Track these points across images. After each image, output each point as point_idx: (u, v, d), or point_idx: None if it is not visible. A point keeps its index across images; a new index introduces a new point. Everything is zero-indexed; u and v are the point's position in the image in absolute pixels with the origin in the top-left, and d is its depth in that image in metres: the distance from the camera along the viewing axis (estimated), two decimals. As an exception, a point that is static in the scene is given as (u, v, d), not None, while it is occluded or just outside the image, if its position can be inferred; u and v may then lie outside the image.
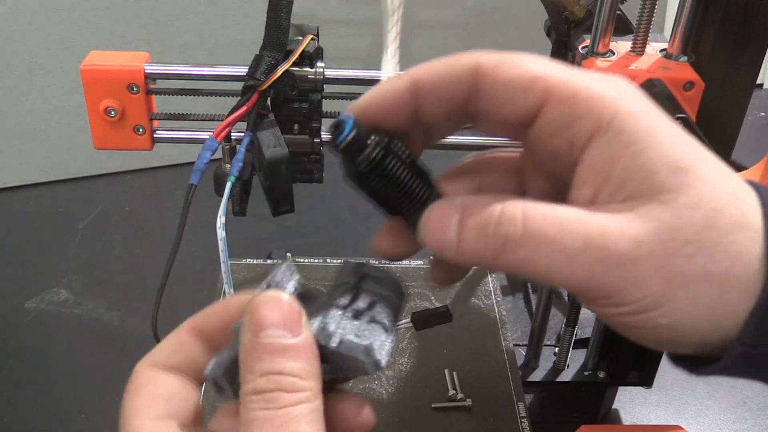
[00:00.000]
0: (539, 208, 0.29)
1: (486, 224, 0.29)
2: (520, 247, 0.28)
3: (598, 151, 0.29)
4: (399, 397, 0.58)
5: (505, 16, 1.11)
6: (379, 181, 0.30)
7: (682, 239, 0.28)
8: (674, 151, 0.29)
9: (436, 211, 0.30)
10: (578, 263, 0.28)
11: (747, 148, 0.56)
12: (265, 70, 0.45)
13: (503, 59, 0.30)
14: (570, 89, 0.29)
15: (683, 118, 0.46)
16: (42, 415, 0.70)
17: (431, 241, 0.30)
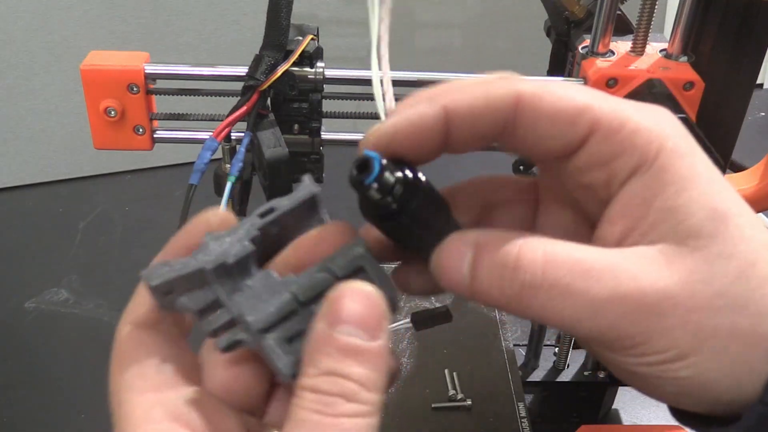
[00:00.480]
0: (561, 250, 0.27)
1: (502, 268, 0.27)
2: (539, 296, 0.27)
3: (637, 188, 0.28)
4: (399, 397, 0.58)
5: (505, 16, 1.11)
6: (404, 220, 0.27)
7: (712, 291, 0.27)
8: (714, 197, 0.27)
9: (448, 248, 0.28)
10: (603, 313, 0.26)
11: (747, 148, 0.56)
12: (265, 70, 0.45)
13: (546, 89, 0.28)
14: (617, 122, 0.28)
15: (683, 118, 0.46)
16: (42, 415, 0.70)
17: (444, 281, 0.28)
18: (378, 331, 0.26)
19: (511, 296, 0.27)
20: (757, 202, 0.56)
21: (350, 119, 0.51)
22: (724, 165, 0.48)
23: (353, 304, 0.26)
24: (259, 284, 0.27)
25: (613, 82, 0.49)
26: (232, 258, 0.27)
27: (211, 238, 0.28)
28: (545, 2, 0.55)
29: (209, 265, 0.27)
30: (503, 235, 0.27)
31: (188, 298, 0.27)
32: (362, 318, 0.26)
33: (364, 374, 0.25)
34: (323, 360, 0.25)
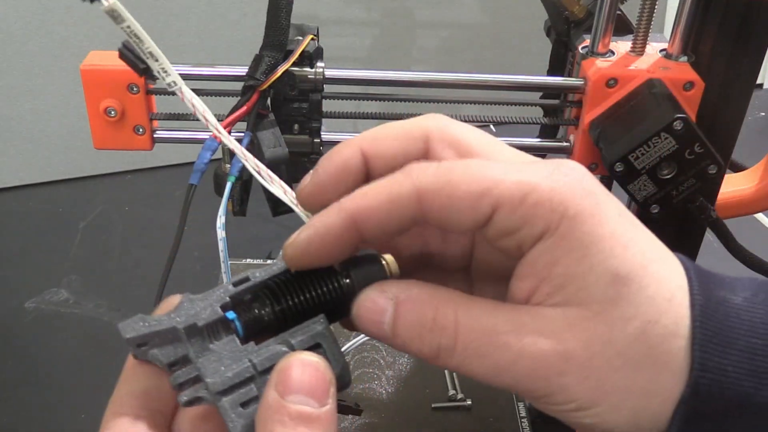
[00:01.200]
0: (472, 314, 0.29)
1: (420, 328, 0.29)
2: (453, 357, 0.29)
3: (541, 252, 0.29)
4: (399, 397, 0.58)
5: (505, 16, 1.11)
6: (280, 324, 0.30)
7: (612, 353, 0.28)
8: (615, 260, 0.29)
9: (370, 301, 0.30)
10: (509, 374, 0.29)
11: (747, 148, 0.56)
12: (265, 70, 0.45)
13: (445, 178, 0.29)
14: (519, 195, 0.29)
15: (683, 118, 0.46)
16: (42, 415, 0.70)
17: (366, 331, 0.30)
18: (326, 398, 0.27)
19: (430, 355, 0.29)
20: (757, 202, 0.56)
21: (350, 119, 0.51)
22: (724, 165, 0.48)
23: (301, 375, 0.27)
24: (224, 349, 0.29)
25: (613, 82, 0.49)
26: (202, 321, 0.29)
27: (186, 300, 0.30)
28: (545, 2, 0.55)
29: (180, 325, 0.29)
30: (422, 292, 0.30)
31: (160, 352, 0.30)
32: (310, 387, 0.27)
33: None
34: (276, 428, 0.27)
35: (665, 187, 0.48)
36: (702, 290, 0.30)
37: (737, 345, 0.29)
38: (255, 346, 0.29)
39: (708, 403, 0.29)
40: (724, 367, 0.29)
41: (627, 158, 0.46)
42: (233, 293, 0.30)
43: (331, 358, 0.29)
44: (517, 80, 0.51)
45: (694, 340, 0.29)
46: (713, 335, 0.29)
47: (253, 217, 0.52)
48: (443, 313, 0.29)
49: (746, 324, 0.29)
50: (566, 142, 0.53)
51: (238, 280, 0.31)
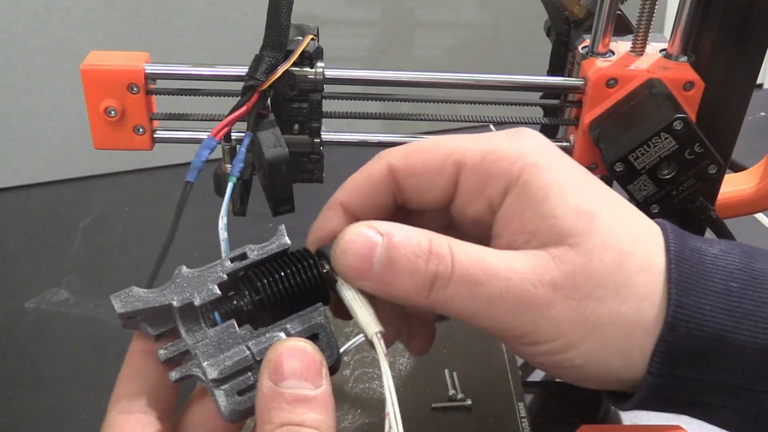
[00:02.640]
0: (463, 247, 0.30)
1: (416, 258, 0.29)
2: (449, 287, 0.29)
3: (509, 205, 0.31)
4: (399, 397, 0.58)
5: (505, 16, 1.11)
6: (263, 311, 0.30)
7: (593, 282, 0.29)
8: (578, 198, 0.30)
9: (356, 236, 0.29)
10: (499, 305, 0.29)
11: (747, 148, 0.56)
12: (265, 70, 0.45)
13: (410, 150, 0.32)
14: (478, 155, 0.31)
15: (683, 118, 0.46)
16: (42, 415, 0.70)
17: (351, 270, 0.30)
18: (319, 379, 0.28)
19: (424, 286, 0.29)
20: (757, 202, 0.56)
21: (350, 119, 0.51)
22: (724, 165, 0.48)
23: (293, 361, 0.28)
24: (221, 333, 0.29)
25: (613, 82, 0.49)
26: (198, 301, 0.29)
27: (181, 275, 0.30)
28: (545, 2, 0.55)
29: (176, 303, 0.29)
30: (409, 228, 0.30)
31: (149, 324, 0.30)
32: (303, 371, 0.28)
33: (317, 418, 0.27)
34: (276, 414, 0.27)
35: (665, 187, 0.48)
36: (677, 239, 0.31)
37: (713, 287, 0.30)
38: (253, 332, 0.29)
39: (686, 342, 0.29)
40: (701, 306, 0.29)
41: (627, 158, 0.46)
42: (230, 271, 0.30)
43: (326, 348, 0.30)
44: (517, 80, 0.51)
45: (671, 280, 0.30)
46: (689, 276, 0.30)
47: (253, 217, 0.52)
48: (438, 243, 0.30)
49: (722, 270, 0.30)
50: (566, 142, 0.53)
51: (236, 256, 0.31)
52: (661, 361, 0.30)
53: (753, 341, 0.29)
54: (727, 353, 0.30)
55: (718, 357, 0.30)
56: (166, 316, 0.30)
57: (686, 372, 0.30)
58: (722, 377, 0.30)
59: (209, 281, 0.30)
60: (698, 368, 0.30)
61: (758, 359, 0.30)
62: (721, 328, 0.29)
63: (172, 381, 0.29)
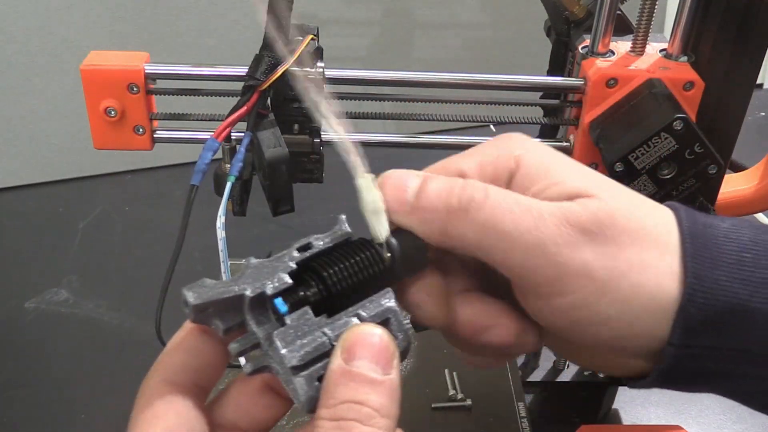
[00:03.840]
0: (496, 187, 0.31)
1: (451, 186, 0.30)
2: (481, 211, 0.30)
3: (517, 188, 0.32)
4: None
5: (505, 16, 1.10)
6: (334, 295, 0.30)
7: (618, 228, 0.30)
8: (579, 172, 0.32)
9: (396, 172, 0.32)
10: (530, 240, 0.29)
11: (747, 148, 0.56)
12: (265, 70, 0.45)
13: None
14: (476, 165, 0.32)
15: (683, 118, 0.46)
16: (42, 415, 0.70)
17: (388, 198, 0.31)
18: (389, 367, 0.28)
19: (458, 210, 0.30)
20: (757, 202, 0.56)
21: (350, 119, 0.51)
22: (724, 165, 0.48)
23: (366, 344, 0.28)
24: (296, 321, 0.29)
25: (613, 82, 0.49)
26: (271, 290, 0.29)
27: (251, 266, 0.30)
28: (545, 2, 0.55)
29: (249, 293, 0.29)
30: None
31: (220, 318, 0.29)
32: (375, 355, 0.28)
33: (379, 401, 0.27)
34: (342, 391, 0.27)
35: (665, 187, 0.48)
36: (687, 215, 0.31)
37: (727, 258, 0.30)
38: (327, 319, 0.29)
39: (704, 312, 0.30)
40: (716, 277, 0.30)
41: (627, 158, 0.46)
42: (300, 260, 0.30)
43: (398, 332, 0.30)
44: (517, 80, 0.51)
45: (686, 253, 0.30)
46: (703, 248, 0.30)
47: (253, 217, 0.52)
48: (472, 180, 0.31)
49: (734, 242, 0.30)
50: (566, 142, 0.53)
51: (302, 246, 0.31)
52: (682, 332, 0.30)
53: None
54: (745, 321, 0.30)
55: (737, 325, 0.30)
56: (236, 308, 0.30)
57: (706, 341, 0.30)
58: (741, 344, 0.31)
59: (279, 271, 0.30)
60: (718, 337, 0.30)
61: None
62: (738, 297, 0.30)
63: (247, 374, 0.29)
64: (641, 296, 0.30)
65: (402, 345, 0.30)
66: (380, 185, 0.31)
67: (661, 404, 0.73)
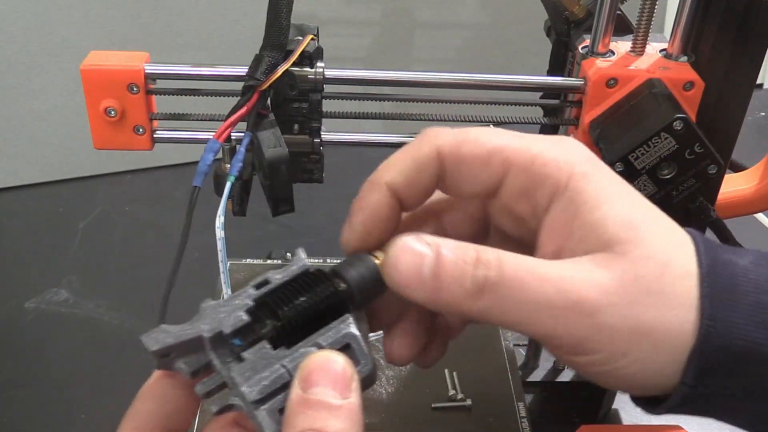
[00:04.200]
0: (512, 255, 0.30)
1: (464, 265, 0.30)
2: (497, 292, 0.29)
3: (557, 212, 0.31)
4: (399, 397, 0.58)
5: (505, 16, 1.11)
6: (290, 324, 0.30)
7: (643, 288, 0.30)
8: (624, 209, 0.31)
9: (407, 249, 0.30)
10: (551, 310, 0.29)
11: (747, 148, 0.56)
12: (265, 70, 0.45)
13: (461, 138, 0.32)
14: (527, 157, 0.31)
15: (683, 118, 0.46)
16: (42, 415, 0.70)
17: (403, 281, 0.30)
18: (348, 391, 0.28)
19: (473, 293, 0.29)
20: (757, 202, 0.56)
21: (350, 119, 0.51)
22: (724, 165, 0.48)
23: (323, 370, 0.28)
24: (254, 356, 0.29)
25: (613, 82, 0.49)
26: (229, 328, 0.30)
27: (207, 307, 0.30)
28: (545, 2, 0.55)
29: (206, 333, 0.29)
30: (458, 241, 0.31)
31: (184, 361, 0.30)
32: (332, 381, 0.28)
33: (339, 426, 0.27)
34: (301, 419, 0.27)
35: (665, 187, 0.48)
36: (708, 252, 0.31)
37: (745, 300, 0.30)
38: (286, 351, 0.30)
39: (718, 354, 0.30)
40: (732, 319, 0.30)
41: (627, 158, 0.46)
42: (256, 297, 0.31)
43: (360, 357, 0.30)
44: (517, 80, 0.51)
45: (703, 293, 0.30)
46: (721, 290, 0.30)
47: (253, 217, 0.52)
48: (485, 252, 0.30)
49: (753, 282, 0.30)
50: (566, 142, 0.53)
51: (259, 283, 0.31)
52: (695, 373, 0.30)
53: None
54: (759, 364, 0.30)
55: (750, 368, 0.30)
56: (198, 351, 0.30)
57: (719, 382, 0.31)
58: (754, 386, 0.31)
59: (236, 309, 0.30)
60: (731, 378, 0.31)
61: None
62: (753, 340, 0.30)
63: (213, 413, 0.30)
64: (660, 353, 0.30)
65: (365, 370, 0.30)
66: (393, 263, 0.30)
67: (661, 404, 0.73)
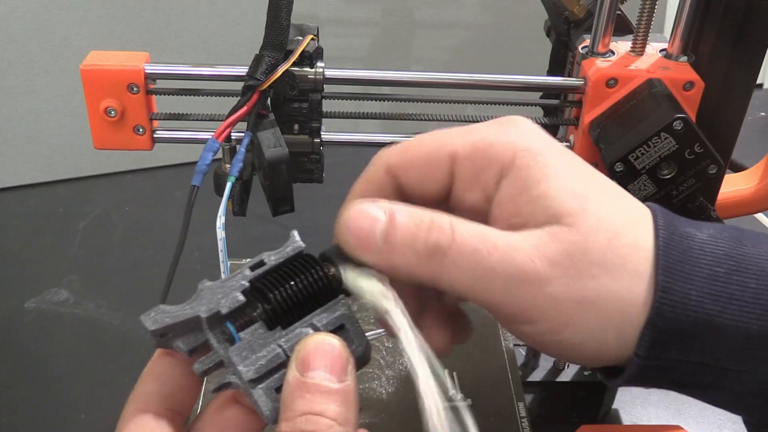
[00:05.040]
0: (465, 222, 0.31)
1: (416, 230, 0.30)
2: (448, 256, 0.30)
3: (505, 190, 0.31)
4: (399, 397, 0.58)
5: (505, 16, 1.11)
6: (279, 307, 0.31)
7: (589, 260, 0.30)
8: (571, 181, 0.31)
9: (360, 211, 0.31)
10: (498, 278, 0.30)
11: (747, 148, 0.56)
12: (265, 70, 0.45)
13: (405, 146, 0.33)
14: (470, 146, 0.32)
15: (683, 118, 0.46)
16: (42, 415, 0.70)
17: (354, 243, 0.31)
18: (344, 374, 0.29)
19: (425, 256, 0.30)
20: (757, 202, 0.56)
21: (350, 119, 0.51)
22: (724, 165, 0.48)
23: (320, 353, 0.29)
24: (251, 336, 0.30)
25: (613, 82, 0.49)
26: (225, 309, 0.30)
27: (205, 288, 0.31)
28: (545, 2, 0.55)
29: (204, 314, 0.30)
30: (410, 207, 0.31)
31: (182, 340, 0.31)
32: (329, 364, 0.29)
33: (336, 410, 0.28)
34: (299, 402, 0.28)
35: (665, 187, 0.48)
36: (666, 224, 0.31)
37: (700, 272, 0.30)
38: (282, 331, 0.30)
39: (672, 326, 0.30)
40: (687, 291, 0.30)
41: (627, 158, 0.46)
42: (252, 278, 0.31)
43: (354, 338, 0.31)
44: (517, 80, 0.51)
45: (658, 265, 0.30)
46: (676, 261, 0.30)
47: (253, 217, 0.52)
48: (439, 217, 0.31)
49: (709, 255, 0.31)
50: (566, 142, 0.53)
51: (254, 264, 0.32)
52: (648, 345, 0.31)
53: (737, 324, 0.30)
54: (714, 336, 0.30)
55: (705, 340, 0.30)
56: (196, 330, 0.30)
57: (673, 355, 0.31)
58: (709, 359, 0.31)
59: (233, 290, 0.31)
60: (685, 351, 0.31)
61: (743, 341, 0.30)
62: (707, 312, 0.30)
63: (211, 391, 0.30)
64: (609, 324, 0.30)
65: (359, 351, 0.30)
66: (345, 225, 0.31)
67: (661, 404, 0.73)
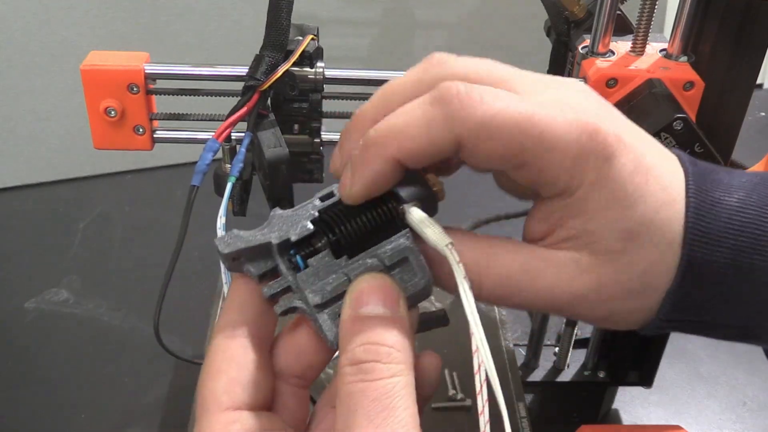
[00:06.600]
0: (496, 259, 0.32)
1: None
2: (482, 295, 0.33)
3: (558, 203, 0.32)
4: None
5: (505, 16, 1.11)
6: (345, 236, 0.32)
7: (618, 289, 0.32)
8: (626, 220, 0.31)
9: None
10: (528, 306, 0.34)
11: (747, 148, 0.57)
12: (265, 70, 0.45)
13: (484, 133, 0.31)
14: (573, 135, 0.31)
15: (683, 118, 0.46)
16: (42, 415, 0.70)
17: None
18: (397, 306, 0.30)
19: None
20: (757, 202, 0.56)
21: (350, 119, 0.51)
22: (724, 165, 0.48)
23: (371, 289, 0.30)
24: (318, 263, 0.31)
25: (613, 82, 0.49)
26: (295, 236, 0.31)
27: (276, 216, 0.32)
28: (545, 2, 0.55)
29: (275, 240, 0.31)
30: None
31: (252, 265, 0.32)
32: (380, 297, 0.30)
33: (393, 338, 0.29)
34: (356, 336, 0.29)
35: (665, 187, 0.47)
36: (697, 193, 0.32)
37: (725, 243, 0.31)
38: (348, 260, 0.31)
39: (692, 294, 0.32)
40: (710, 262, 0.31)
41: (627, 158, 0.46)
42: (321, 208, 0.32)
43: (418, 270, 0.31)
44: (517, 80, 0.51)
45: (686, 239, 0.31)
46: (703, 234, 0.31)
47: (253, 217, 0.52)
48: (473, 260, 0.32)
49: (736, 225, 0.32)
50: (566, 142, 0.53)
51: (324, 195, 0.33)
52: (669, 310, 0.32)
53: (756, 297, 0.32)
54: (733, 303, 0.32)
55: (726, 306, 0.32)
56: (266, 255, 0.32)
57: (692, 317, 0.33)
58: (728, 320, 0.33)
59: (303, 219, 0.32)
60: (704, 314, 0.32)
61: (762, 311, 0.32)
62: (729, 283, 0.31)
63: (278, 314, 0.31)
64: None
65: (421, 283, 0.31)
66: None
67: (661, 404, 0.73)
